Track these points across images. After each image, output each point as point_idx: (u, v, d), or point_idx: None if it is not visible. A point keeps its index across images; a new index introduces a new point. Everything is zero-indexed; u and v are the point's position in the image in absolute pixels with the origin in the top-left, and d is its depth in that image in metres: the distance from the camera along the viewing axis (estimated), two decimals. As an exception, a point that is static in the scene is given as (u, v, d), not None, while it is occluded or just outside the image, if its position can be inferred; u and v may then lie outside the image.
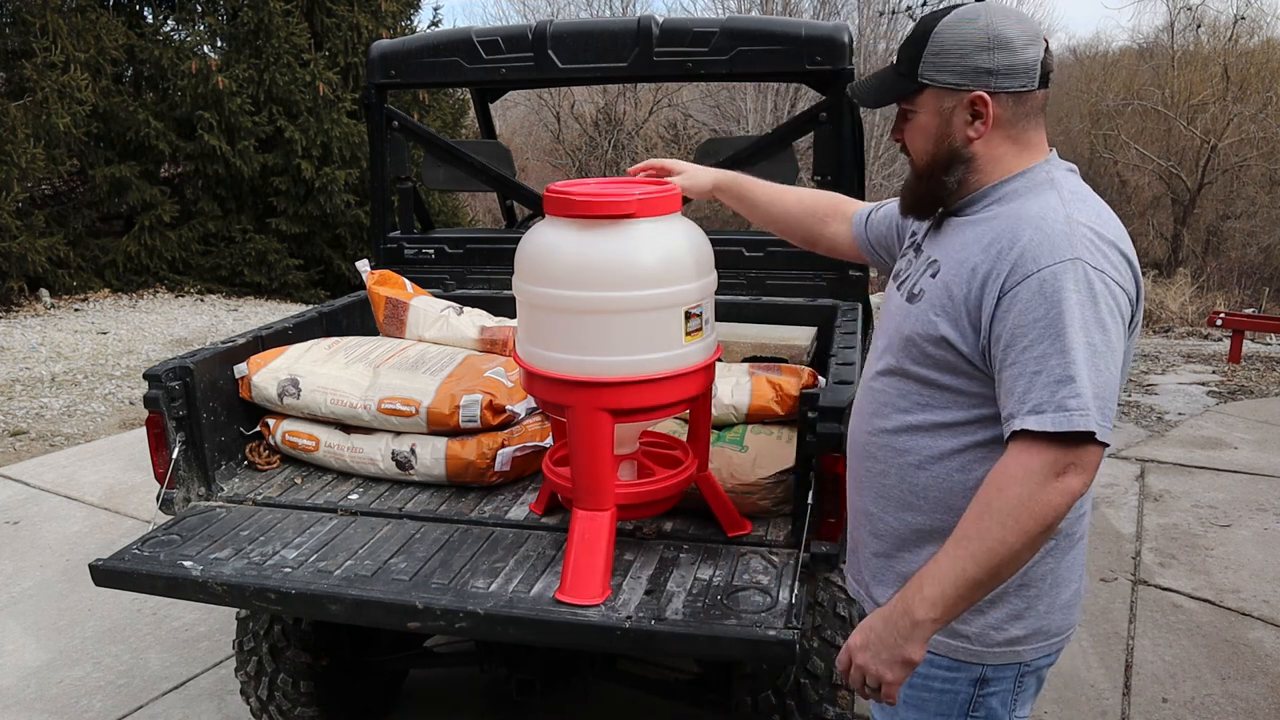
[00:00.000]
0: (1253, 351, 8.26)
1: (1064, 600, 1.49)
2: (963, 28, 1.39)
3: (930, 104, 1.44)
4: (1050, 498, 1.25)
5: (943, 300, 1.41)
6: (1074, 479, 1.26)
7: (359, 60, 10.94)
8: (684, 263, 1.86)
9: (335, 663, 2.70)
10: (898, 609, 1.34)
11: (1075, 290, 1.28)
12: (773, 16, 15.55)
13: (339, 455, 2.52)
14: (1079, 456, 1.26)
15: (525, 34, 3.07)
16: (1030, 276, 1.30)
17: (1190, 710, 3.01)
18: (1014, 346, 1.30)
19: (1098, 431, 1.25)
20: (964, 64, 1.39)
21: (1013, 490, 1.26)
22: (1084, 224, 1.33)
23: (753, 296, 3.09)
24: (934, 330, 1.41)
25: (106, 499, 4.74)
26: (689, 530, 2.19)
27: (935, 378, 1.44)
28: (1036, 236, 1.32)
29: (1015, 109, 1.41)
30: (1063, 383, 1.26)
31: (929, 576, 1.31)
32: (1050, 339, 1.27)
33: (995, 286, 1.33)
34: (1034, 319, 1.29)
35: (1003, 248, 1.35)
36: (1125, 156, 20.38)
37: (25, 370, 7.24)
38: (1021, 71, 1.39)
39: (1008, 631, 1.46)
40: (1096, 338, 1.27)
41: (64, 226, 10.08)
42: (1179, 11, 20.46)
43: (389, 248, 3.42)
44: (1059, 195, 1.38)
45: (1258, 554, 4.07)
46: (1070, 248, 1.30)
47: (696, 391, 1.95)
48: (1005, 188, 1.43)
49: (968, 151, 1.43)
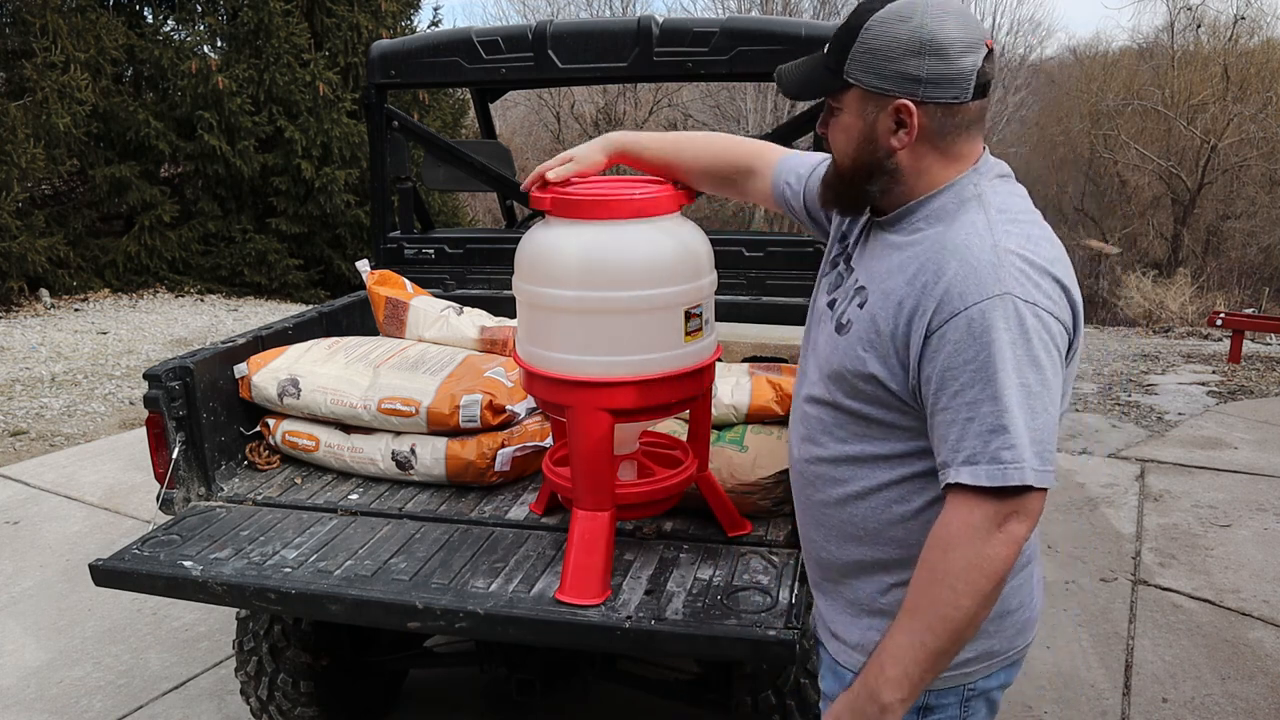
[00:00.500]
0: (1253, 351, 8.26)
1: (1012, 623, 1.43)
2: (893, 27, 1.26)
3: (854, 105, 1.32)
4: (997, 551, 1.19)
5: (870, 335, 1.32)
6: (1017, 526, 1.20)
7: (359, 60, 10.94)
8: (684, 263, 1.86)
9: (335, 663, 2.70)
10: (862, 694, 1.27)
11: (1006, 329, 1.19)
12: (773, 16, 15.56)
13: (339, 455, 2.52)
14: (1020, 505, 1.19)
15: (525, 34, 3.07)
16: (957, 315, 1.21)
17: (1190, 710, 3.01)
18: (945, 390, 1.22)
19: (1035, 481, 1.18)
20: (891, 68, 1.27)
21: (958, 552, 1.20)
22: (1012, 251, 1.23)
23: (753, 296, 3.09)
24: (862, 367, 1.32)
25: (106, 499, 4.74)
26: (689, 530, 2.19)
27: (868, 412, 1.35)
28: (962, 270, 1.22)
29: (944, 120, 1.29)
30: (996, 432, 1.18)
31: (889, 655, 1.25)
32: (981, 383, 1.19)
33: (921, 325, 1.24)
34: (963, 361, 1.20)
35: (927, 281, 1.25)
36: (1125, 156, 20.39)
37: (25, 370, 7.24)
38: (954, 81, 1.26)
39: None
40: (1031, 377, 1.19)
41: (64, 226, 10.08)
42: (1179, 11, 20.48)
43: (389, 248, 3.42)
44: (985, 216, 1.28)
45: (1258, 554, 4.07)
46: (998, 281, 1.20)
47: (696, 391, 1.95)
48: (931, 204, 1.33)
49: (891, 162, 1.32)
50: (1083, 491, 4.78)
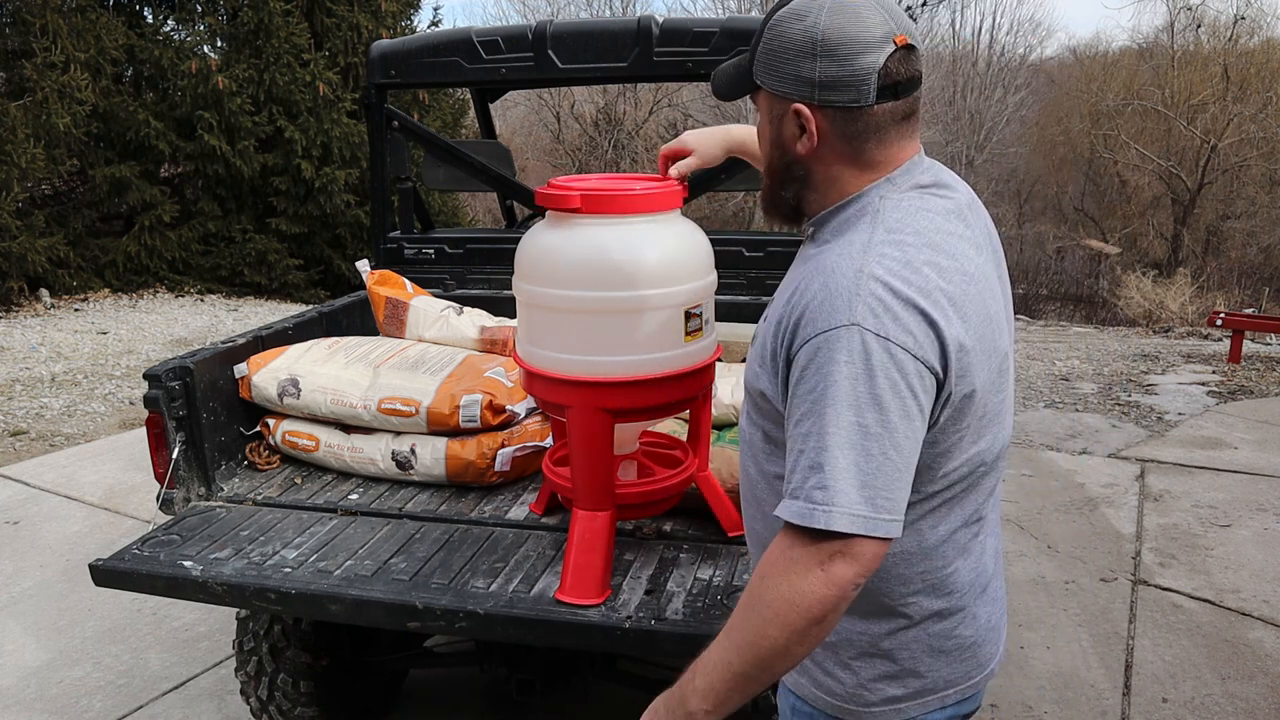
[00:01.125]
0: (1253, 351, 8.27)
1: (954, 658, 1.33)
2: (787, 27, 1.20)
3: (765, 107, 1.27)
4: (813, 588, 1.10)
5: (760, 352, 1.27)
6: (842, 568, 1.10)
7: (359, 60, 10.94)
8: (684, 263, 1.86)
9: (335, 663, 2.70)
10: (675, 697, 1.23)
11: (848, 362, 1.10)
12: (773, 16, 15.51)
13: (339, 455, 2.52)
14: (846, 546, 1.09)
15: (525, 34, 3.07)
16: (807, 343, 1.14)
17: (1190, 710, 3.01)
18: (790, 418, 1.16)
19: (847, 527, 1.08)
20: (787, 70, 1.20)
21: (774, 580, 1.13)
22: (877, 278, 1.12)
23: (753, 296, 3.09)
24: (757, 382, 1.27)
25: (106, 499, 4.74)
26: (689, 530, 2.19)
27: (770, 430, 1.28)
28: (820, 294, 1.14)
29: (846, 125, 1.20)
30: (814, 469, 1.10)
31: (701, 666, 1.21)
32: (814, 416, 1.11)
33: (783, 349, 1.19)
34: (805, 391, 1.13)
35: (795, 302, 1.18)
36: (1125, 156, 20.40)
37: (25, 370, 7.24)
38: (848, 84, 1.17)
39: (884, 691, 1.32)
40: (870, 417, 1.09)
41: (64, 226, 10.09)
42: (1179, 11, 20.49)
43: (389, 248, 3.42)
44: (870, 235, 1.18)
45: (1258, 554, 4.07)
46: (849, 310, 1.11)
47: (696, 391, 1.95)
48: (839, 216, 1.25)
49: (800, 168, 1.25)
50: (1083, 491, 4.78)
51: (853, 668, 1.33)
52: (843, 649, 1.33)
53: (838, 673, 1.34)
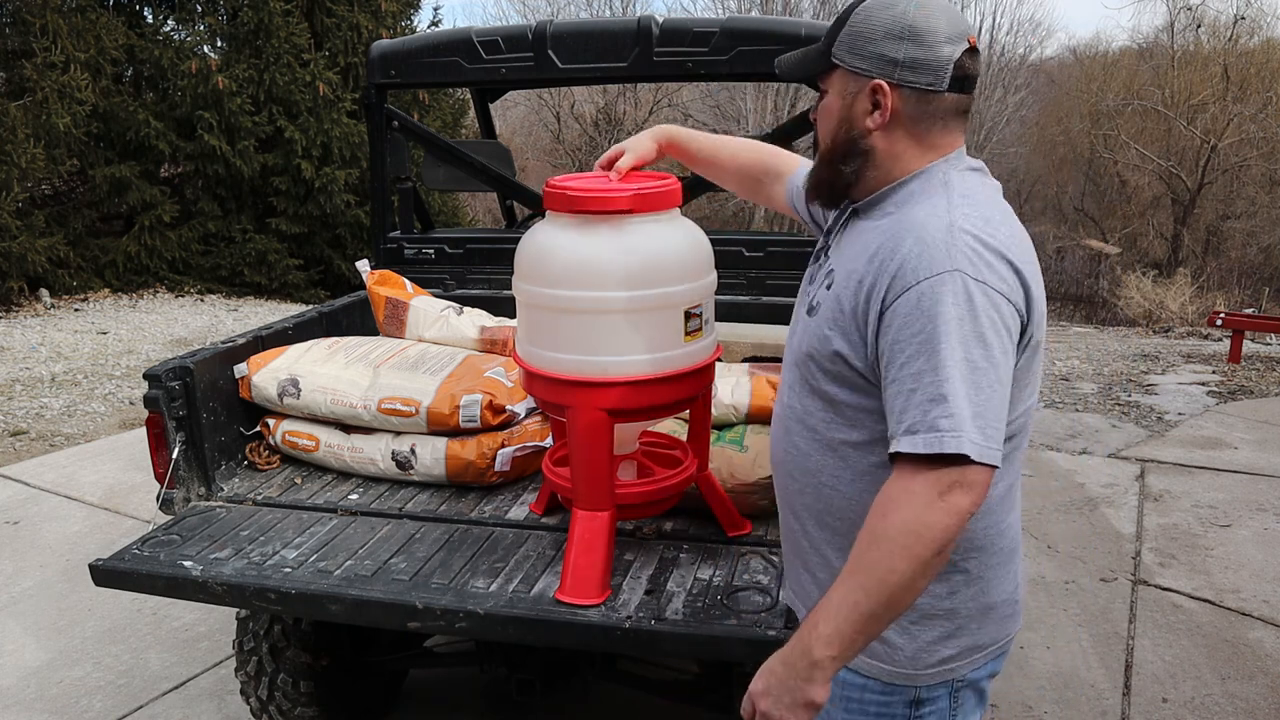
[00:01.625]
0: (1253, 351, 8.27)
1: (996, 616, 1.43)
2: (878, 13, 1.33)
3: (838, 85, 1.38)
4: (936, 518, 1.18)
5: (835, 313, 1.35)
6: (960, 498, 1.18)
7: (359, 60, 10.94)
8: (684, 262, 1.86)
9: (335, 663, 2.70)
10: (796, 649, 1.26)
11: (953, 304, 1.21)
12: (773, 16, 15.56)
13: (339, 455, 2.52)
14: (962, 475, 1.18)
15: (525, 34, 3.07)
16: (909, 290, 1.24)
17: (1190, 710, 3.01)
18: (893, 363, 1.25)
19: (973, 453, 1.17)
20: (871, 49, 1.33)
21: (897, 515, 1.19)
22: (967, 231, 1.25)
23: (753, 296, 3.09)
24: (828, 345, 1.35)
25: (106, 499, 4.74)
26: (689, 530, 2.19)
27: (835, 394, 1.37)
28: (916, 247, 1.25)
29: (919, 107, 1.33)
30: (936, 401, 1.19)
31: (824, 612, 1.24)
32: (926, 355, 1.21)
33: (877, 301, 1.28)
34: (910, 334, 1.23)
35: (884, 259, 1.28)
36: (1125, 156, 20.39)
37: (25, 370, 7.24)
38: (929, 68, 1.31)
39: (940, 652, 1.40)
40: (976, 353, 1.20)
41: (64, 226, 10.09)
42: (1179, 11, 20.48)
43: (389, 248, 3.42)
44: (947, 199, 1.31)
45: (1258, 554, 4.07)
46: (949, 258, 1.23)
47: (696, 391, 1.95)
48: (902, 190, 1.37)
49: (866, 143, 1.37)
50: (1083, 491, 4.78)
51: (911, 632, 1.39)
52: (903, 615, 1.35)
53: (895, 639, 1.39)
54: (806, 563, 1.51)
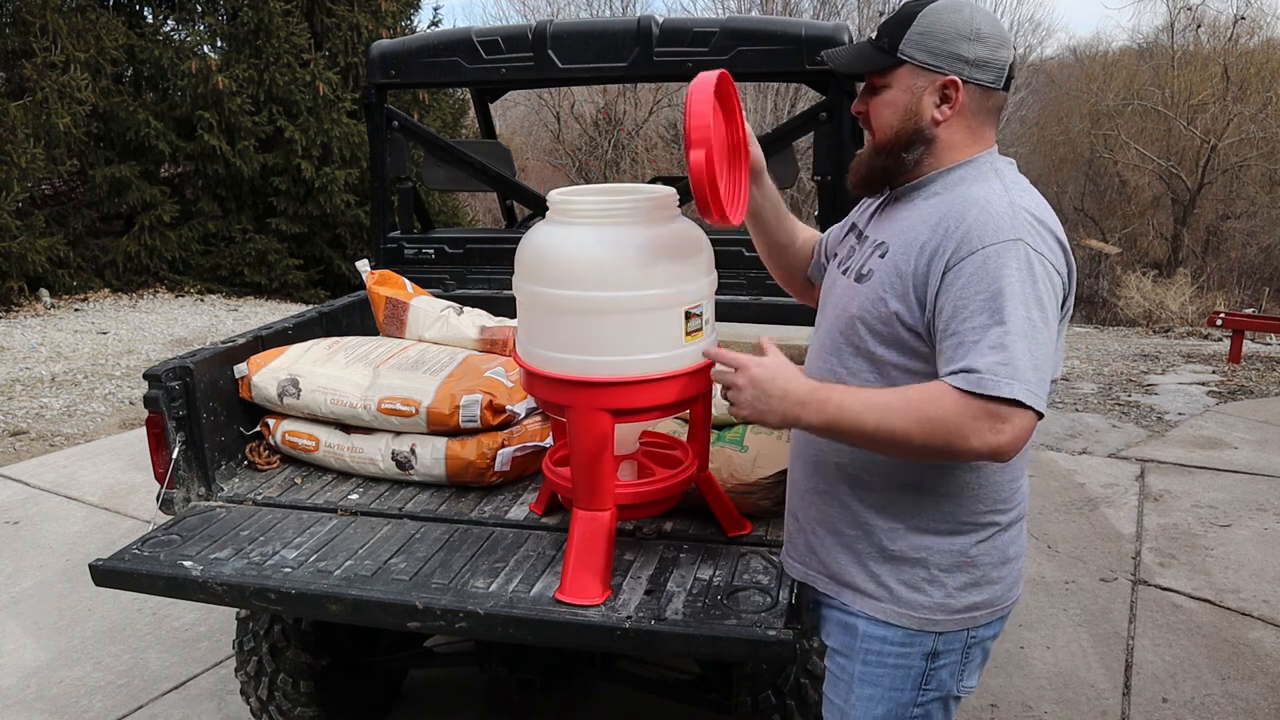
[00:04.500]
0: (1253, 351, 8.27)
1: (1011, 570, 1.59)
2: (949, 15, 1.47)
3: (904, 80, 1.50)
4: (970, 437, 1.32)
5: (891, 278, 1.48)
6: (999, 436, 1.31)
7: (359, 60, 10.94)
8: (684, 263, 1.86)
9: (335, 663, 2.70)
10: (800, 394, 1.43)
11: (1017, 268, 1.35)
12: (773, 16, 15.55)
13: (339, 455, 2.52)
14: (1012, 414, 1.31)
15: (525, 34, 3.07)
16: (975, 253, 1.38)
17: (1190, 710, 3.01)
18: (955, 318, 1.37)
19: (1026, 398, 1.30)
20: (945, 48, 1.46)
21: (945, 410, 1.33)
22: (1026, 209, 1.42)
23: (753, 296, 3.09)
24: (883, 306, 1.48)
25: (106, 499, 4.74)
26: (689, 530, 2.19)
27: (883, 354, 1.49)
28: (982, 217, 1.40)
29: (980, 102, 1.50)
30: (996, 349, 1.32)
31: (836, 399, 1.41)
32: (990, 311, 1.34)
33: (941, 261, 1.41)
34: (975, 292, 1.36)
35: (949, 226, 1.42)
36: (1125, 156, 20.38)
37: (25, 370, 7.24)
38: (994, 67, 1.48)
39: (965, 598, 1.54)
40: (1035, 314, 1.34)
41: (64, 226, 10.09)
42: (1179, 11, 20.46)
43: (389, 248, 3.42)
44: (1002, 183, 1.47)
45: (1258, 554, 4.07)
46: (1014, 228, 1.38)
47: (696, 391, 1.95)
48: (952, 174, 1.51)
49: (930, 132, 1.50)
50: (1083, 491, 4.78)
51: (940, 580, 1.54)
52: (933, 564, 1.54)
53: (925, 588, 1.54)
54: (833, 524, 1.62)
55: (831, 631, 1.68)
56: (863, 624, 1.59)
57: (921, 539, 1.54)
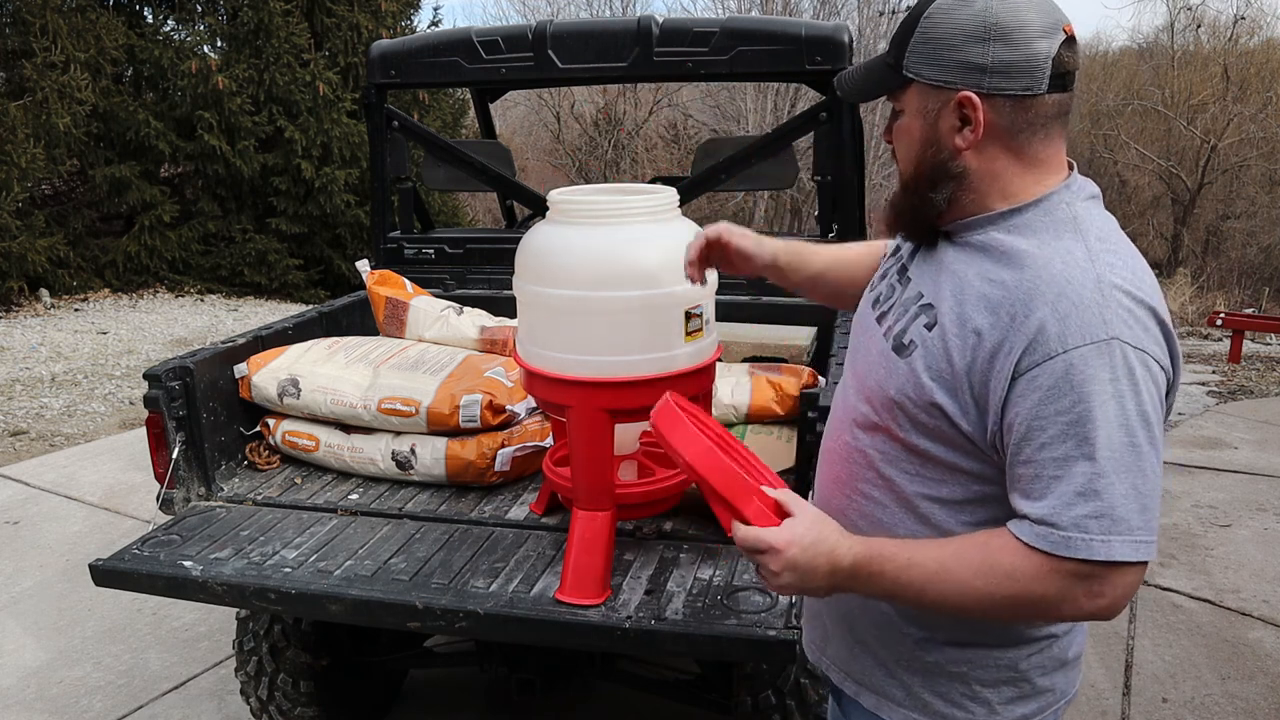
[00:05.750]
0: (1253, 351, 8.27)
1: (1069, 668, 1.33)
2: (956, 13, 1.14)
3: (915, 103, 1.19)
4: (1061, 605, 1.09)
5: (939, 365, 1.16)
6: (1098, 601, 1.08)
7: (359, 60, 10.93)
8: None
9: (335, 663, 2.70)
10: (846, 569, 1.17)
11: (1112, 380, 1.05)
12: (773, 16, 15.54)
13: (339, 455, 2.52)
14: (1108, 574, 1.06)
15: (525, 34, 3.07)
16: (1054, 359, 1.06)
17: (1190, 710, 3.01)
18: (1029, 441, 1.08)
19: (1131, 555, 1.05)
20: (952, 57, 1.14)
21: (1025, 578, 1.08)
22: (1119, 287, 1.08)
23: (753, 296, 3.09)
24: (926, 396, 1.17)
25: (106, 499, 4.74)
26: (689, 530, 2.19)
27: (927, 448, 1.20)
28: (1061, 306, 1.07)
29: (1015, 116, 1.14)
30: (1086, 497, 1.05)
31: (891, 571, 1.15)
32: (1076, 439, 1.05)
33: (1008, 364, 1.09)
34: (1056, 411, 1.06)
35: (1016, 314, 1.10)
36: (1125, 156, 20.38)
37: (25, 370, 7.24)
38: (1023, 70, 1.12)
39: (1014, 711, 1.29)
40: (1139, 434, 1.05)
41: (64, 226, 10.08)
42: (1179, 11, 20.47)
43: (389, 248, 3.42)
44: (1085, 244, 1.12)
45: (1258, 554, 4.07)
46: (1104, 325, 1.06)
47: (696, 391, 1.95)
48: (1015, 219, 1.17)
49: (957, 165, 1.18)
50: (1083, 491, 4.78)
51: (983, 696, 1.28)
52: (975, 680, 1.28)
53: (967, 704, 1.29)
54: (853, 621, 1.36)
55: None
56: None
57: (962, 652, 1.27)
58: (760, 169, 3.11)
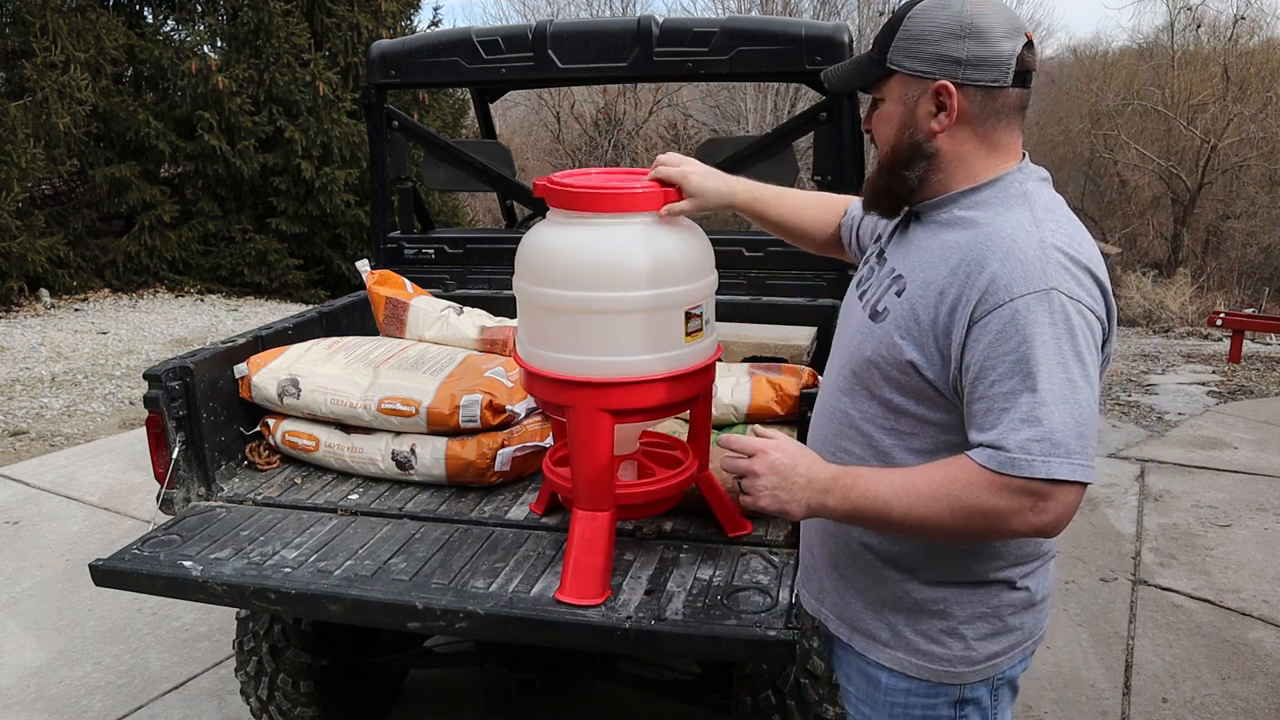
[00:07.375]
0: (1253, 351, 8.27)
1: (1036, 611, 1.48)
2: (935, 13, 1.33)
3: (896, 91, 1.37)
4: (1009, 519, 1.23)
5: (908, 323, 1.34)
6: (1041, 516, 1.23)
7: (359, 60, 10.93)
8: (684, 262, 1.86)
9: (335, 663, 2.70)
10: (823, 481, 1.33)
11: (1050, 323, 1.22)
12: (773, 16, 15.55)
13: (339, 455, 2.52)
14: (1051, 492, 1.21)
15: (525, 34, 3.07)
16: (1001, 306, 1.24)
17: (1190, 710, 3.01)
18: (982, 380, 1.25)
19: (1069, 474, 1.20)
20: (932, 51, 1.32)
21: (978, 494, 1.23)
22: (1058, 248, 1.26)
23: (753, 296, 3.09)
24: (899, 354, 1.35)
25: (106, 499, 4.74)
26: (689, 530, 2.19)
27: (900, 402, 1.38)
28: (1008, 262, 1.25)
29: (984, 105, 1.33)
30: (1029, 423, 1.21)
31: (860, 489, 1.31)
32: (1020, 375, 1.22)
33: (964, 314, 1.27)
34: (1004, 352, 1.23)
35: (971, 272, 1.28)
36: (1125, 156, 20.37)
37: (25, 370, 7.24)
38: (993, 64, 1.31)
39: (987, 648, 1.44)
40: (1075, 371, 1.22)
41: (64, 226, 10.09)
42: (1179, 11, 20.45)
43: (389, 248, 3.42)
44: (1032, 213, 1.31)
45: (1258, 554, 4.07)
46: (1044, 275, 1.23)
47: (696, 391, 1.95)
48: (974, 196, 1.36)
49: (930, 146, 1.36)
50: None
51: (960, 633, 1.43)
52: (953, 616, 1.43)
53: (945, 640, 1.44)
54: (845, 568, 1.52)
55: (851, 676, 1.57)
56: (884, 676, 1.49)
57: (939, 590, 1.43)
58: (760, 169, 3.11)
